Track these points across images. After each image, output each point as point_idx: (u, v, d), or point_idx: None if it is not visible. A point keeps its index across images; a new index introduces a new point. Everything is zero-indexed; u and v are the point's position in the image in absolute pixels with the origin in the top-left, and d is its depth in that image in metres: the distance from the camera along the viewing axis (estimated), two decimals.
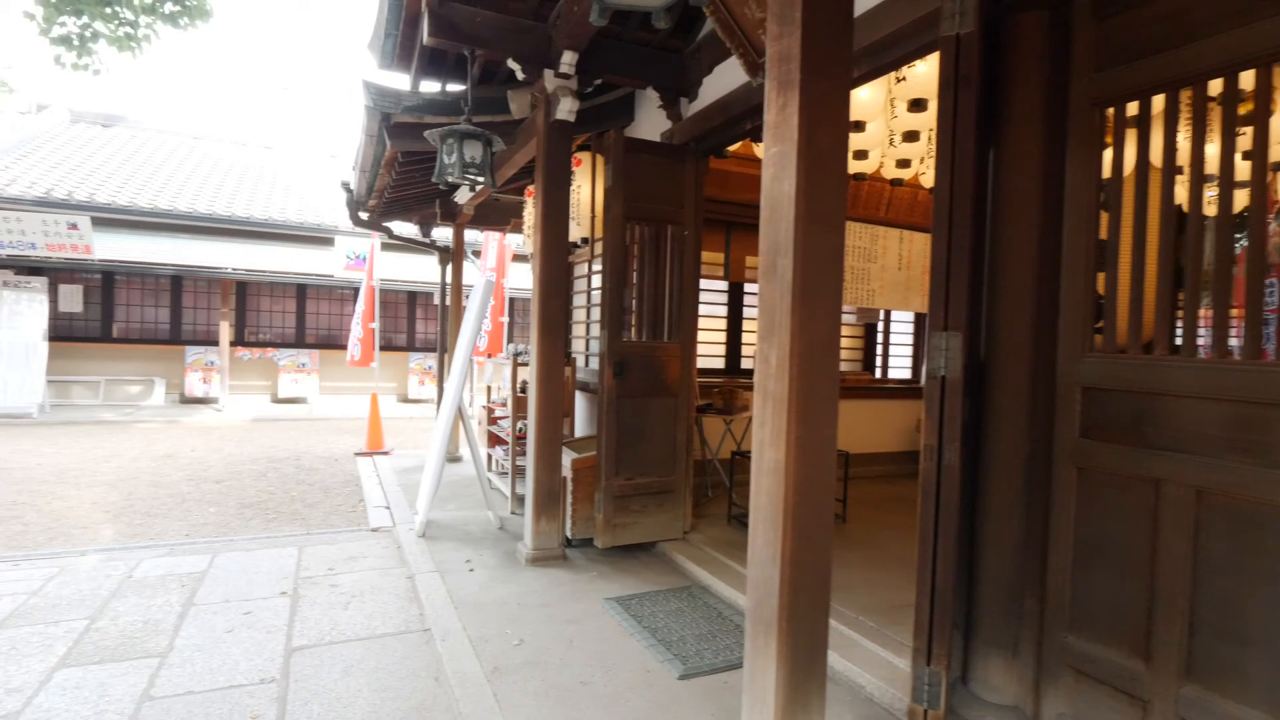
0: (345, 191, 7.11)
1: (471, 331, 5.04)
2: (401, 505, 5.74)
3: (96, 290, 11.42)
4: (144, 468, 6.85)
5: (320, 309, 12.94)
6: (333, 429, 10.08)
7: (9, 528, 4.81)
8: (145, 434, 8.91)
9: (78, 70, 4.43)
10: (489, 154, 4.22)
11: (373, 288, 8.31)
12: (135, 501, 5.60)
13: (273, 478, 6.68)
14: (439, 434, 5.03)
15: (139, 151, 14.15)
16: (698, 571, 4.14)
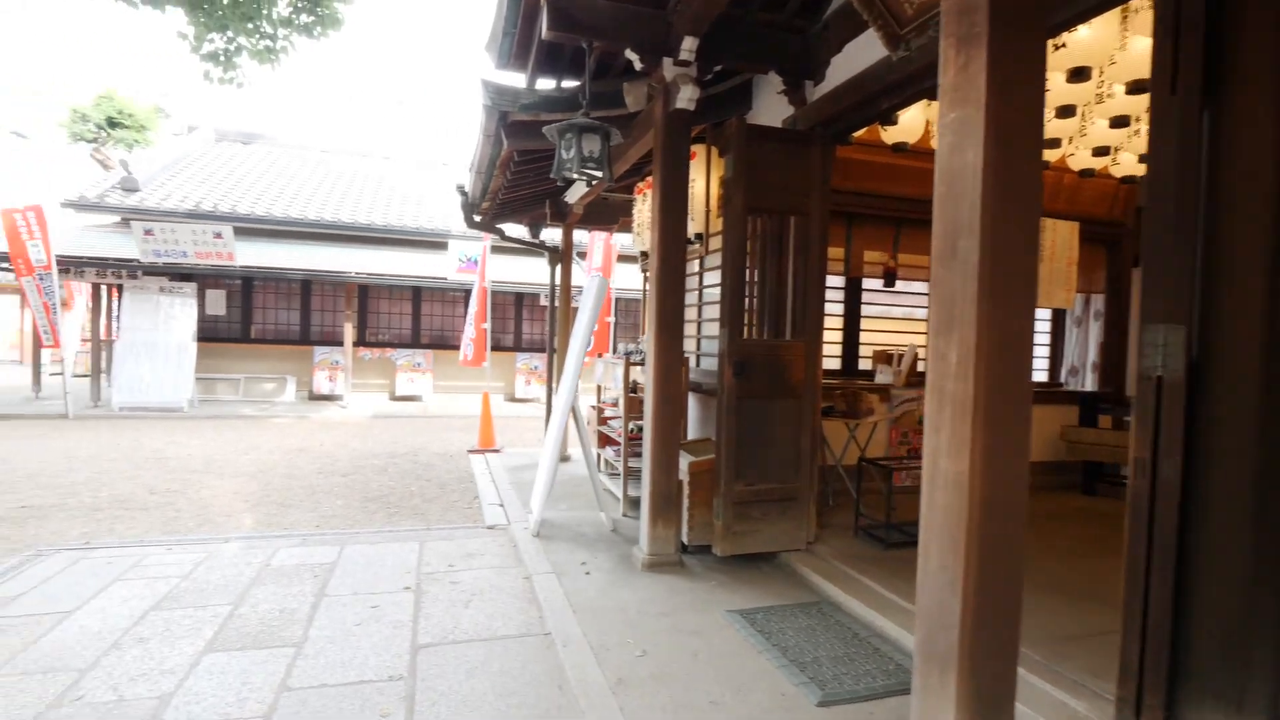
0: (460, 195, 7.26)
1: (585, 331, 4.96)
2: (514, 503, 5.76)
3: (237, 295, 12.36)
4: (278, 460, 7.27)
5: (434, 310, 13.46)
6: (446, 426, 10.41)
7: (165, 514, 5.17)
8: (279, 428, 9.51)
9: (224, 84, 4.74)
10: (606, 148, 4.11)
11: (485, 289, 8.49)
12: (271, 492, 5.91)
13: (393, 473, 6.91)
14: (552, 434, 4.98)
15: (274, 166, 15.24)
16: (826, 586, 3.86)
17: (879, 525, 4.64)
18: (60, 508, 5.20)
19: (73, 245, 10.51)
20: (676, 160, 4.22)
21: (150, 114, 21.74)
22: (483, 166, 5.68)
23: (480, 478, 6.82)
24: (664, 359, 4.23)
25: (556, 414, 5.01)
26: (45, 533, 4.65)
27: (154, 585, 3.76)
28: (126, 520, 4.98)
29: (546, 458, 4.95)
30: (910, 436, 6.22)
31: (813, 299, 4.37)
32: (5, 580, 3.79)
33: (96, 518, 5.01)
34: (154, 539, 4.57)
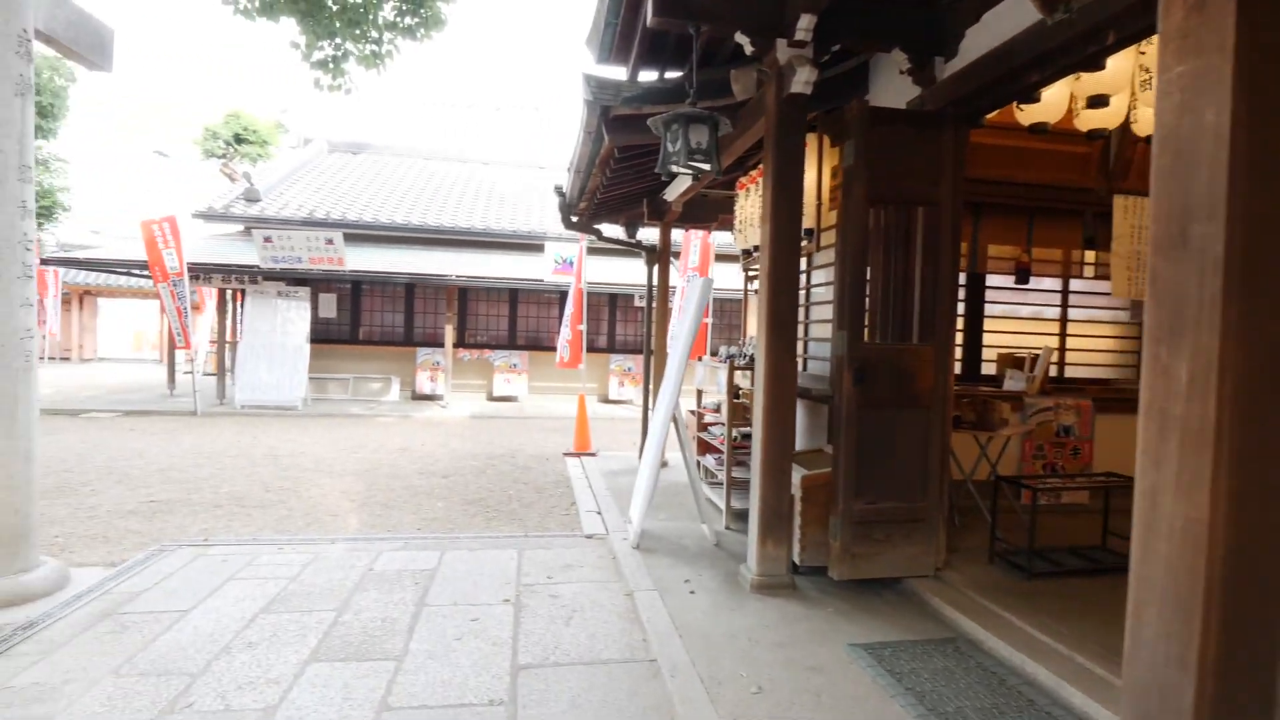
0: (558, 196, 7.19)
1: (687, 334, 4.72)
2: (612, 511, 5.59)
3: (347, 298, 12.94)
4: (383, 459, 7.44)
5: (529, 312, 13.62)
6: (540, 428, 10.45)
7: (277, 512, 5.33)
8: (384, 427, 9.82)
9: (333, 91, 4.85)
10: (715, 138, 3.85)
11: (581, 290, 8.41)
12: (375, 492, 6.01)
13: (491, 475, 6.91)
14: (653, 442, 4.77)
15: (380, 174, 15.90)
16: (962, 621, 3.44)
17: (1018, 551, 4.16)
18: (184, 503, 5.46)
19: (202, 253, 11.30)
20: (790, 148, 3.91)
21: (271, 129, 23.29)
22: (581, 165, 5.55)
23: (577, 482, 6.71)
24: (776, 364, 3.93)
25: (657, 421, 4.79)
26: (170, 527, 4.87)
27: (264, 586, 3.80)
28: (242, 517, 5.16)
29: (647, 467, 4.74)
30: (1046, 450, 5.62)
31: (943, 299, 3.95)
32: (132, 575, 3.94)
33: (216, 514, 5.21)
34: (266, 538, 4.69)
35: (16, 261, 3.60)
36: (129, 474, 6.37)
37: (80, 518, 4.99)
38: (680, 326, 4.93)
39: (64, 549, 4.40)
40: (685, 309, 4.93)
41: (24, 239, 3.64)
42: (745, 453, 5.46)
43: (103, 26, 4.23)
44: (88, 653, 2.99)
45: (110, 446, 7.69)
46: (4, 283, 3.55)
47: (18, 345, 3.62)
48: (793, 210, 3.95)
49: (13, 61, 3.50)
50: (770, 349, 3.93)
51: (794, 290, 4.01)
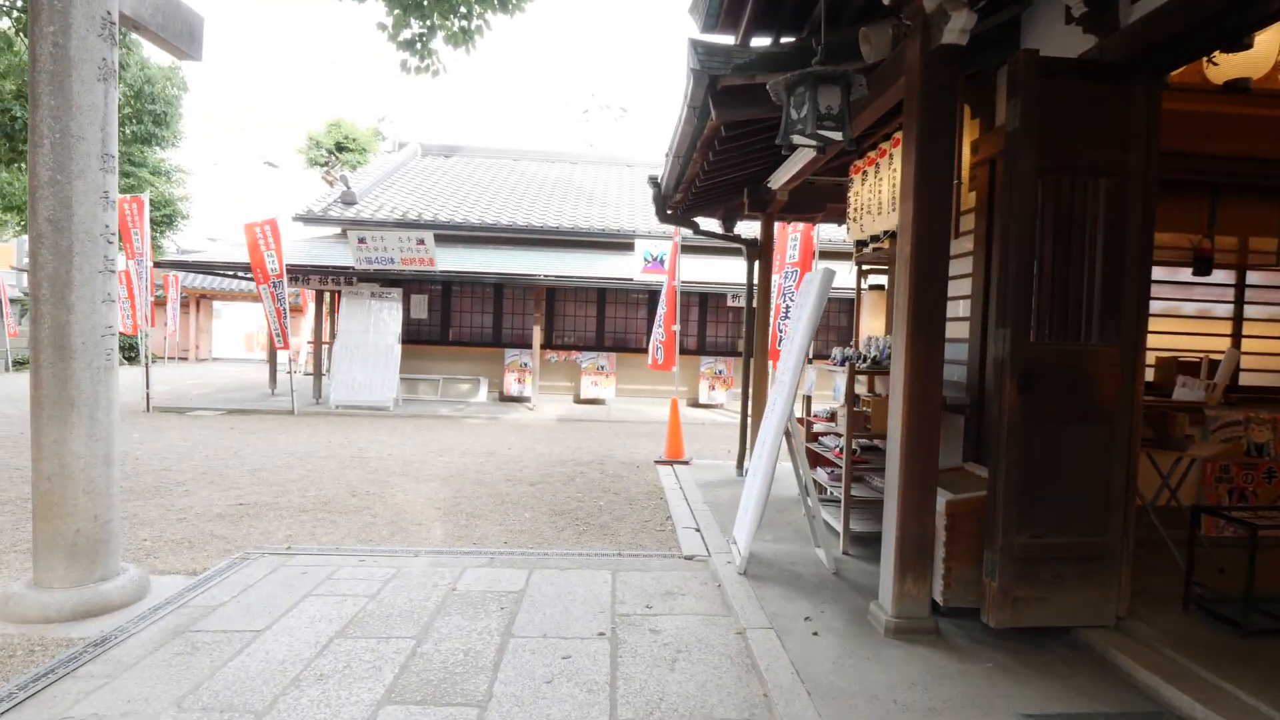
0: (651, 187, 6.73)
1: (805, 334, 4.14)
2: (712, 529, 5.06)
3: (438, 299, 12.98)
4: (469, 464, 7.19)
5: (617, 313, 13.26)
6: (629, 432, 10.03)
7: (362, 518, 5.10)
8: (471, 430, 9.65)
9: (420, 74, 4.58)
10: (848, 101, 3.27)
11: (674, 289, 7.92)
12: (461, 500, 5.72)
13: (580, 483, 6.52)
14: (764, 454, 4.21)
15: (471, 175, 15.98)
16: (1164, 689, 2.73)
17: (1224, 599, 3.36)
18: (272, 507, 5.31)
19: (301, 255, 11.55)
20: (938, 111, 3.28)
21: (370, 137, 24.14)
22: (681, 148, 5.05)
23: (671, 493, 6.22)
24: (919, 367, 3.30)
25: (768, 431, 4.22)
26: (255, 533, 4.70)
27: (342, 606, 3.50)
28: (327, 524, 4.95)
29: (757, 483, 4.18)
30: (1233, 473, 4.70)
31: (1130, 289, 3.22)
32: (211, 586, 3.74)
33: (301, 519, 5.03)
34: (349, 547, 4.44)
35: (99, 255, 3.44)
36: (223, 474, 6.36)
37: (170, 520, 4.91)
38: (795, 325, 4.34)
39: (150, 554, 4.27)
40: (801, 304, 4.35)
41: (106, 232, 3.48)
42: (865, 468, 4.81)
43: (191, 13, 4.07)
44: (154, 678, 2.72)
45: (209, 445, 7.81)
46: (85, 277, 3.39)
47: (99, 343, 3.46)
48: (941, 186, 3.32)
49: (95, 44, 3.34)
50: (912, 349, 3.30)
51: (942, 280, 3.37)
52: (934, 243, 3.32)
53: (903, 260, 3.39)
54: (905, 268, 3.35)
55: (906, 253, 3.35)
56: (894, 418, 3.40)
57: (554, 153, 17.91)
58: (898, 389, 3.37)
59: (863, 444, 4.88)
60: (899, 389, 3.35)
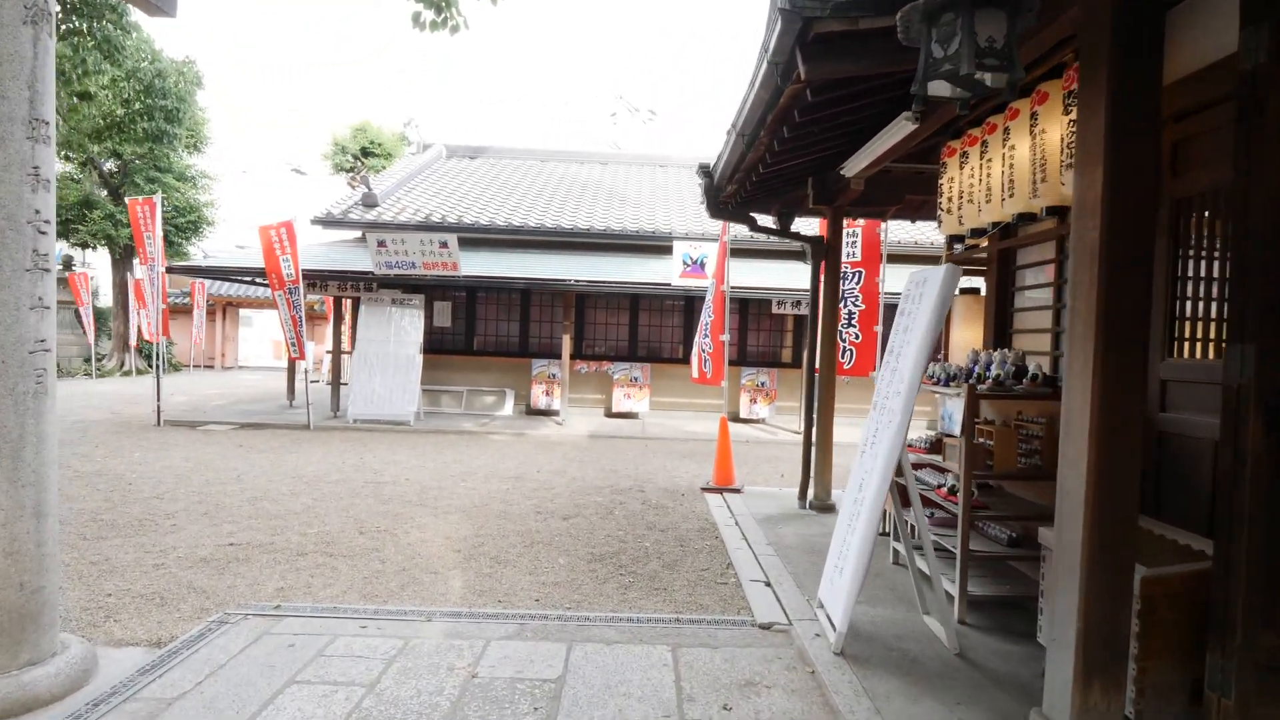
0: (702, 178, 5.84)
1: (923, 347, 3.21)
2: (786, 583, 4.13)
3: (461, 306, 12.19)
4: (494, 492, 6.32)
5: (651, 321, 12.36)
6: (668, 451, 9.10)
7: (369, 565, 4.24)
8: (497, 448, 8.81)
9: (437, 30, 3.79)
10: (1014, 31, 2.35)
11: (723, 294, 7.00)
12: (484, 539, 4.85)
13: (620, 517, 5.62)
14: (868, 501, 3.27)
15: (497, 177, 15.24)
16: None
17: None
18: (267, 549, 4.49)
19: (319, 260, 10.85)
20: (1139, 37, 2.35)
21: (396, 142, 23.57)
22: (749, 123, 4.15)
23: (726, 531, 5.29)
24: (1112, 394, 2.37)
25: (873, 474, 3.28)
26: (241, 584, 3.87)
27: (332, 700, 2.65)
28: (327, 571, 4.11)
29: (856, 538, 3.24)
30: None
31: None
32: (174, 665, 2.92)
33: (298, 566, 4.19)
34: (349, 606, 3.59)
35: (24, 248, 2.64)
36: (219, 504, 5.56)
37: (145, 566, 4.10)
38: (904, 338, 3.41)
39: (110, 615, 3.46)
40: (911, 312, 3.41)
41: (35, 219, 2.67)
42: (985, 515, 3.84)
43: None
44: None
45: (212, 467, 7.04)
46: (5, 277, 2.59)
47: (25, 362, 2.64)
48: (1144, 146, 2.38)
49: None
50: (1102, 368, 2.36)
51: (1145, 274, 2.42)
52: (1135, 224, 2.37)
53: (1084, 249, 2.44)
54: (1089, 259, 2.41)
55: (1091, 240, 2.41)
56: (1070, 459, 2.45)
57: (583, 153, 17.10)
58: (1078, 421, 2.43)
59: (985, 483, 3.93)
60: (1080, 421, 2.41)
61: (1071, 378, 2.50)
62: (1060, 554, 2.52)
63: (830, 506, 5.95)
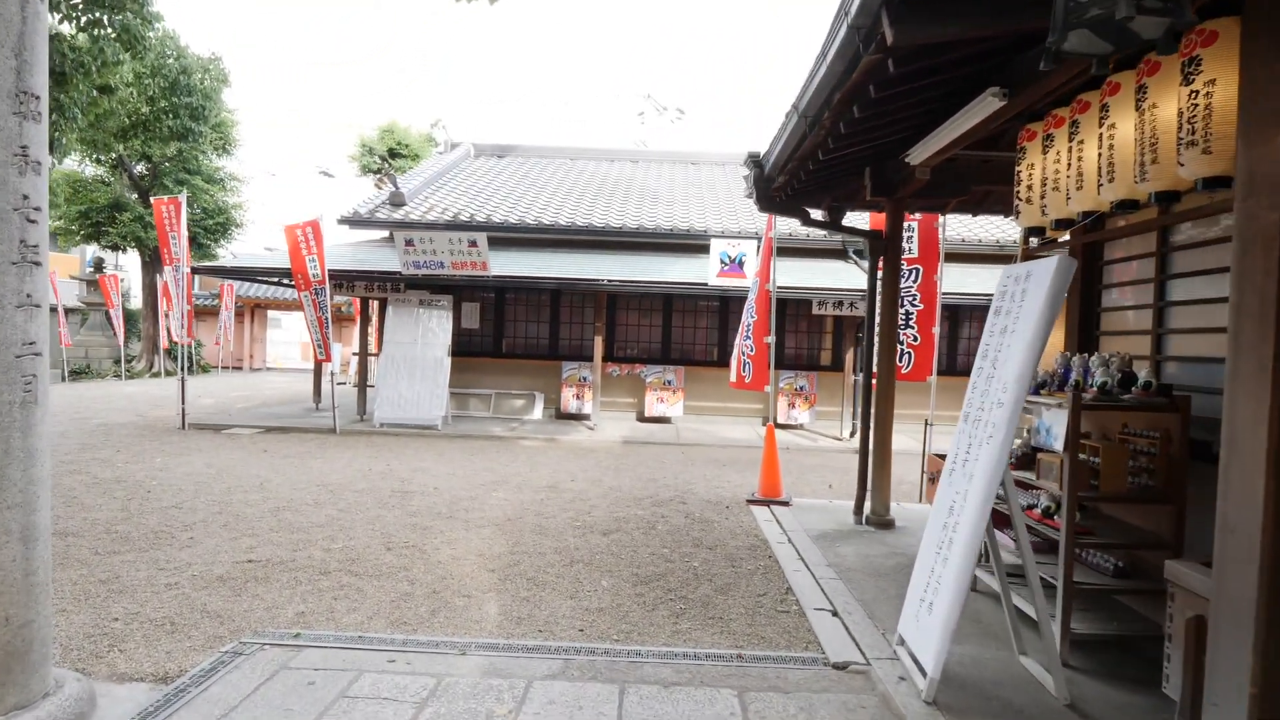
0: (750, 168, 5.44)
1: (1031, 347, 2.78)
2: (855, 612, 3.72)
3: (490, 307, 11.91)
4: (528, 503, 5.98)
5: (684, 322, 11.95)
6: (707, 458, 8.70)
7: (396, 585, 3.91)
8: (528, 454, 8.47)
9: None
10: None
11: (768, 293, 6.59)
12: (520, 557, 4.49)
13: (663, 531, 5.23)
14: (965, 528, 2.85)
15: (526, 175, 14.96)
16: None
17: None
18: (288, 566, 4.18)
19: (346, 260, 10.63)
20: None
21: (424, 142, 23.49)
22: (816, 102, 3.75)
23: (779, 550, 4.88)
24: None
25: (972, 496, 2.85)
26: (259, 608, 3.56)
27: None
28: (352, 593, 3.78)
29: (950, 572, 2.83)
30: None
31: None
32: (180, 705, 2.62)
33: (320, 586, 3.87)
34: (376, 636, 3.25)
35: (9, 239, 2.34)
36: (240, 515, 5.29)
37: (157, 586, 3.82)
38: (1006, 339, 2.98)
39: (115, 643, 3.16)
40: (1012, 311, 2.99)
41: (24, 205, 2.38)
42: (1089, 541, 3.39)
43: None
44: None
45: (234, 473, 6.79)
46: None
47: (10, 366, 2.35)
48: None
49: None
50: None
51: None
52: None
53: (1256, 234, 2.03)
54: (1265, 245, 1.98)
55: (1268, 223, 1.98)
56: (1235, 488, 2.03)
57: (612, 150, 16.73)
58: (1248, 442, 2.00)
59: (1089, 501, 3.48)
60: (1251, 441, 1.98)
61: (1237, 389, 2.07)
62: (1222, 604, 2.09)
63: (889, 522, 5.51)
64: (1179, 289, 3.94)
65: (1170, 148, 3.10)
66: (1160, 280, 4.03)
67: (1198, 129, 2.91)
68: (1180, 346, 3.88)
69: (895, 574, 4.37)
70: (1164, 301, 4.01)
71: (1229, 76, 2.86)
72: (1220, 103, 2.86)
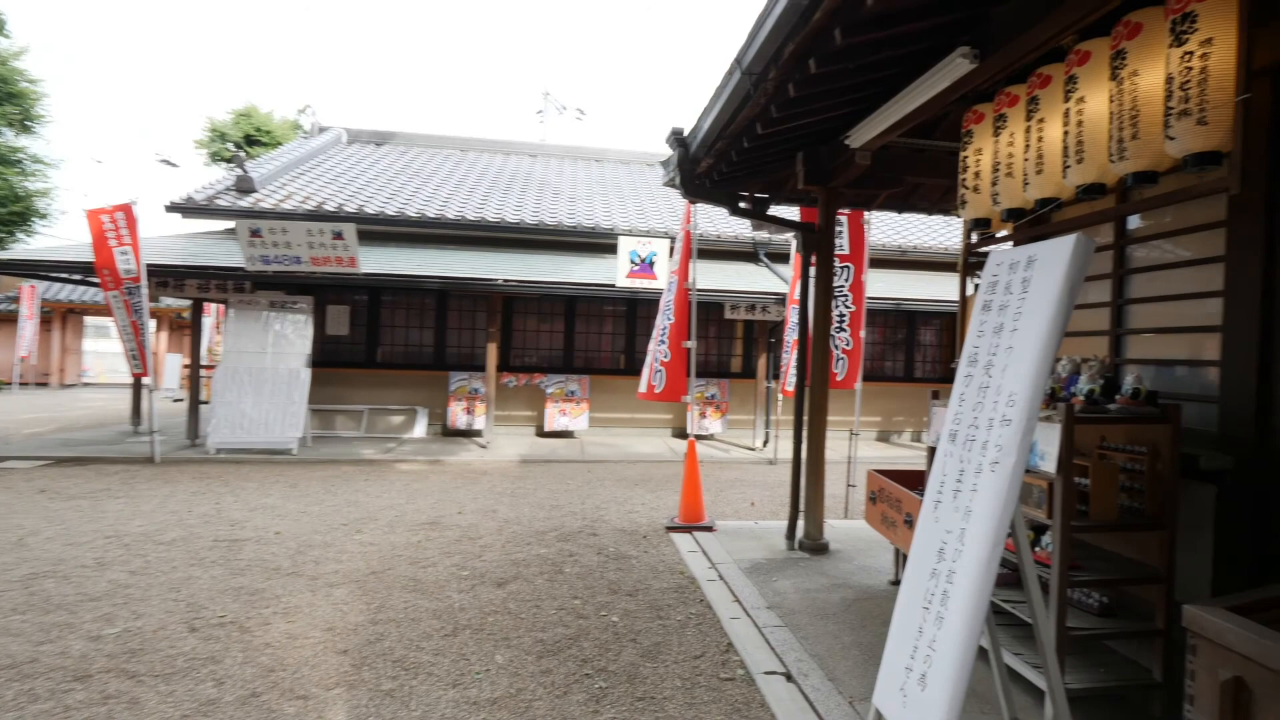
0: (675, 148, 4.84)
1: (1043, 349, 2.28)
2: (810, 672, 3.16)
3: (363, 311, 10.67)
4: (400, 546, 5.02)
5: (590, 327, 11.20)
6: (615, 477, 7.99)
7: (196, 690, 2.92)
8: (406, 481, 7.43)
9: None
10: None
11: (686, 293, 5.99)
12: (386, 628, 3.59)
13: (572, 575, 4.47)
14: (971, 571, 2.29)
15: (409, 165, 13.77)
16: None
17: None
18: (30, 667, 3.08)
19: (178, 255, 9.10)
20: None
21: (289, 129, 21.48)
22: (767, 50, 3.19)
23: (710, 589, 4.26)
24: None
25: (980, 537, 2.30)
26: None
27: None
28: (120, 710, 2.75)
29: (954, 632, 2.27)
30: None
31: None
32: None
33: (69, 702, 2.81)
34: None
35: None
36: None
37: None
38: (1003, 340, 2.47)
39: None
40: (1009, 306, 2.48)
41: None
42: (1080, 578, 2.95)
43: None
44: None
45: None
46: None
47: None
48: None
49: None
50: None
51: None
52: None
53: None
54: None
55: None
56: None
57: (509, 143, 15.70)
58: None
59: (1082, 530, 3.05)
60: None
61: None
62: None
63: (824, 547, 5.03)
64: (1139, 285, 3.67)
65: (1155, 120, 2.72)
66: (1118, 275, 3.75)
67: (1192, 96, 2.54)
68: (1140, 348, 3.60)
69: (844, 614, 3.85)
70: (1123, 299, 3.73)
71: (1228, 34, 2.51)
72: (1217, 65, 2.49)
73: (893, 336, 11.95)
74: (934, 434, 3.52)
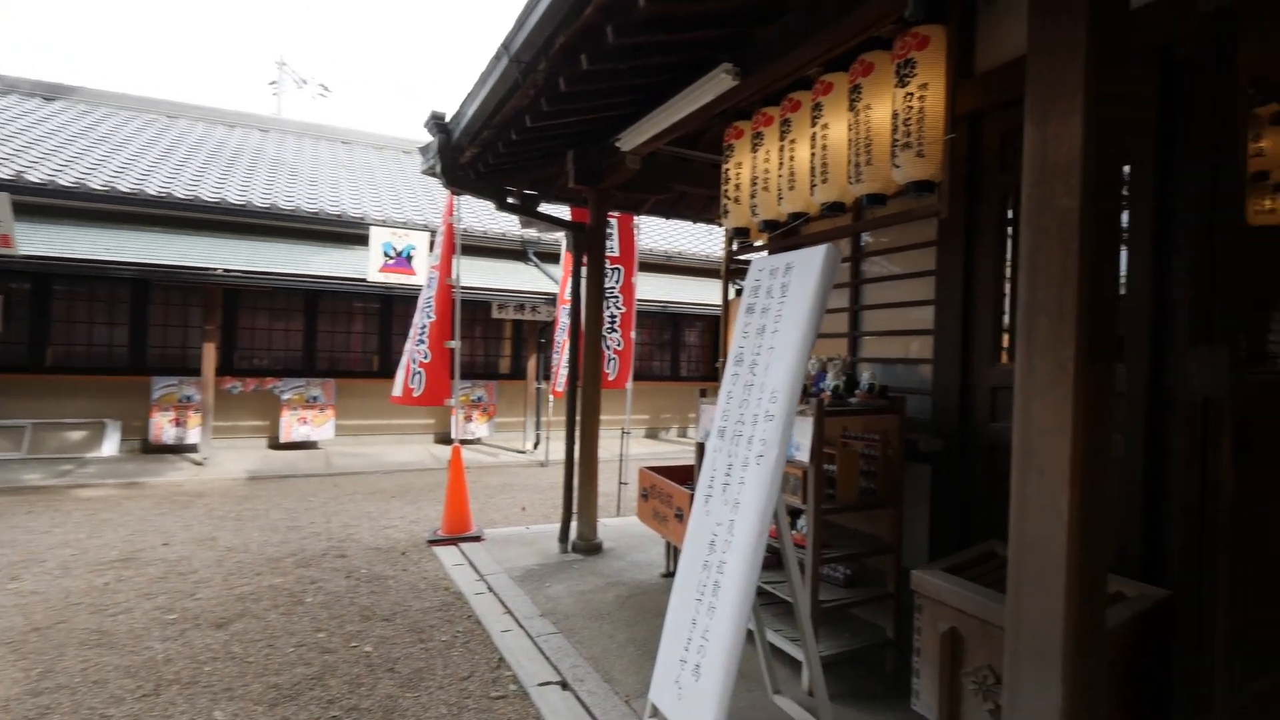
0: (436, 134, 4.57)
1: (800, 349, 2.49)
2: (587, 677, 3.15)
3: (25, 302, 8.59)
4: (78, 591, 4.09)
5: (337, 326, 10.18)
6: (369, 490, 7.34)
7: None
8: (89, 512, 6.09)
9: None
10: None
11: (449, 288, 5.70)
12: (55, 697, 2.88)
13: (314, 606, 3.97)
14: (739, 561, 2.42)
15: (94, 128, 11.40)
16: None
17: None
18: None
19: None
20: None
21: None
22: (536, 39, 3.13)
23: (478, 602, 4.08)
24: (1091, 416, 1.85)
25: (743, 529, 2.44)
26: None
27: None
28: None
29: (724, 620, 2.40)
30: None
31: None
32: None
33: None
34: None
35: None
36: None
37: None
38: (766, 340, 2.66)
39: None
40: (770, 309, 2.68)
41: None
42: (830, 556, 3.29)
43: None
44: None
45: None
46: None
47: None
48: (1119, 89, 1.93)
49: None
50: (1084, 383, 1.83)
51: (1115, 257, 1.97)
52: (1111, 192, 1.91)
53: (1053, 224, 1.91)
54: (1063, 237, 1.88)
55: (1064, 210, 1.89)
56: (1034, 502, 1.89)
57: (234, 113, 13.63)
58: (1047, 452, 1.87)
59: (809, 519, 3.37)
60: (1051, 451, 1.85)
61: (1031, 394, 1.94)
62: (1022, 630, 1.93)
63: (597, 546, 5.09)
64: (871, 293, 4.24)
65: (884, 149, 3.16)
66: (855, 285, 4.29)
67: (913, 131, 2.98)
68: (873, 348, 4.16)
69: (619, 612, 3.91)
70: (859, 305, 4.27)
71: (939, 81, 2.98)
72: (932, 106, 2.96)
73: (659, 337, 12.65)
74: (703, 430, 3.72)
